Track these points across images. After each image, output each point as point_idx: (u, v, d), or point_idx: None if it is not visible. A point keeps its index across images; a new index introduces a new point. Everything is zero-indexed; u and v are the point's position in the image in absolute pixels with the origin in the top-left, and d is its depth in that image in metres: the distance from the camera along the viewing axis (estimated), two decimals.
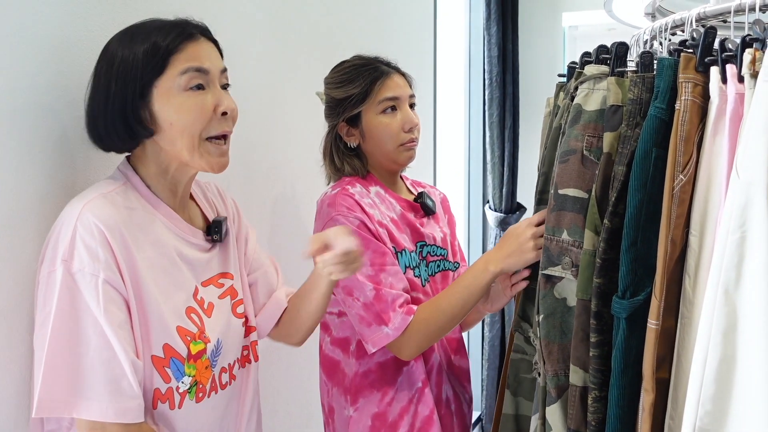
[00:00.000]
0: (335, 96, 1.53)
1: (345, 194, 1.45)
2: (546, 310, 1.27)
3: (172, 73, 1.09)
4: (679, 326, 1.08)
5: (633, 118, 1.16)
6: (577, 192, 1.24)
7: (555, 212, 1.26)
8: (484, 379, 3.15)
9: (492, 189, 3.07)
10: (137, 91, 1.08)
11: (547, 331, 1.26)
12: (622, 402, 1.13)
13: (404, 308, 1.41)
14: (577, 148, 1.24)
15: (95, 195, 1.07)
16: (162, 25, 1.11)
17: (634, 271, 1.11)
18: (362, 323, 1.41)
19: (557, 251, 1.25)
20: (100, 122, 1.11)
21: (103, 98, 1.09)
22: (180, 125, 1.10)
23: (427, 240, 1.56)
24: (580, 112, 1.25)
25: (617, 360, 1.12)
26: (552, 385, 1.26)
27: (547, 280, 1.28)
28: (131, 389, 1.03)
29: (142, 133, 1.11)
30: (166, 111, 1.10)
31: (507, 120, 3.04)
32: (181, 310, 1.14)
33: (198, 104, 1.11)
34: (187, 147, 1.11)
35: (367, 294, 1.40)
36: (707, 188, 1.05)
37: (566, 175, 1.25)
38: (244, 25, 1.65)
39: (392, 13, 2.44)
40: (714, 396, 0.94)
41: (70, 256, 1.01)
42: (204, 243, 1.23)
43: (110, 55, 1.10)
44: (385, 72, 1.52)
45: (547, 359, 1.26)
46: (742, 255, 0.93)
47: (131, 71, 1.08)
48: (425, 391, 1.50)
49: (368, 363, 1.50)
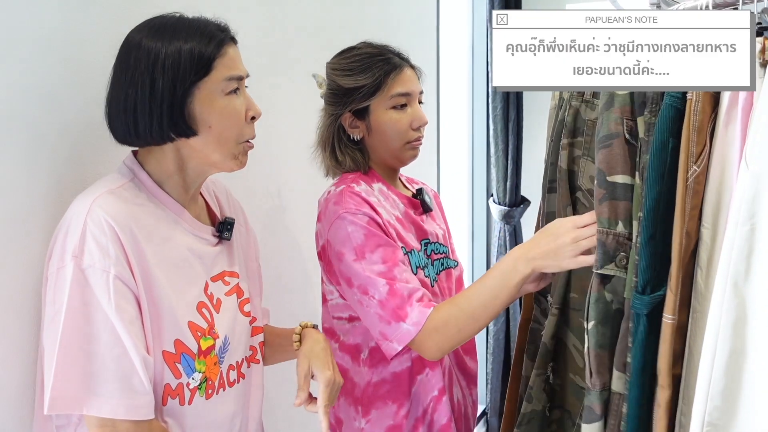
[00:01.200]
0: (343, 84, 1.44)
1: (352, 192, 1.39)
2: (598, 316, 1.16)
3: (217, 78, 1.10)
4: (691, 320, 1.06)
5: (656, 105, 1.11)
6: (626, 178, 1.15)
7: (607, 201, 1.16)
8: (489, 373, 3.15)
9: (496, 182, 3.05)
10: (186, 90, 1.09)
11: (598, 339, 1.16)
12: (642, 401, 1.09)
13: (423, 302, 1.31)
14: (619, 132, 1.17)
15: (104, 191, 1.07)
16: (200, 27, 1.12)
17: (653, 266, 1.07)
18: (381, 321, 1.32)
19: (613, 246, 1.15)
20: (141, 117, 1.08)
21: (147, 93, 1.07)
22: (219, 128, 1.12)
23: (430, 237, 1.51)
24: (613, 94, 1.19)
25: (636, 358, 1.08)
26: (597, 401, 1.16)
27: (602, 281, 1.16)
28: (142, 386, 1.03)
29: (186, 132, 1.11)
30: (207, 113, 1.11)
31: (511, 113, 3.01)
32: (192, 305, 1.14)
33: (237, 109, 1.14)
34: (223, 150, 1.14)
35: (381, 290, 1.31)
36: (720, 179, 1.04)
37: (613, 160, 1.16)
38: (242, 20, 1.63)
39: (395, 6, 2.42)
40: (723, 390, 0.93)
41: (81, 252, 1.01)
42: (212, 238, 1.23)
43: (147, 49, 1.08)
44: (398, 64, 1.45)
45: (596, 372, 1.16)
46: (752, 247, 0.92)
47: (180, 69, 1.07)
48: (443, 399, 1.43)
49: (382, 373, 1.42)
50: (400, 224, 1.44)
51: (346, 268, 1.35)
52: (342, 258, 1.35)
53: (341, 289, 1.40)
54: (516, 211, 3.05)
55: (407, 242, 1.43)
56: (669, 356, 1.06)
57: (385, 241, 1.36)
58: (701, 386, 0.95)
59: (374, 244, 1.34)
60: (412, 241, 1.45)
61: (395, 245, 1.37)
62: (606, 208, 1.16)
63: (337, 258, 1.36)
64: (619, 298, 1.16)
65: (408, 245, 1.42)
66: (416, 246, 1.45)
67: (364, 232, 1.34)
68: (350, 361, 1.45)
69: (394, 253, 1.35)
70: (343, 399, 1.46)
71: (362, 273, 1.33)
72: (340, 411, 1.47)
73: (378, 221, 1.37)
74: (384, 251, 1.34)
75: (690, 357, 1.06)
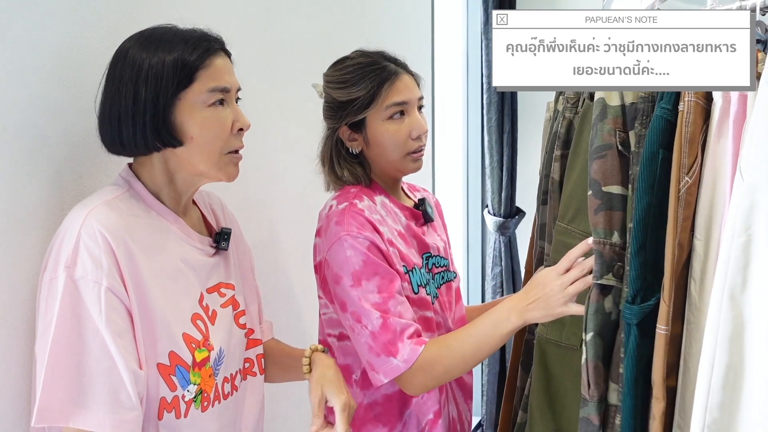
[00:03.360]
0: (337, 97, 1.40)
1: (354, 211, 1.34)
2: (596, 327, 1.16)
3: (199, 89, 1.10)
4: (686, 332, 1.06)
5: (647, 117, 1.13)
6: (621, 189, 1.16)
7: (603, 212, 1.16)
8: (485, 384, 3.13)
9: (491, 193, 3.06)
10: (168, 101, 1.08)
11: (596, 350, 1.15)
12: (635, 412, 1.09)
13: (413, 339, 1.30)
14: (612, 143, 1.17)
15: (99, 202, 1.07)
16: (187, 37, 1.11)
17: (644, 275, 1.08)
18: (371, 352, 1.30)
19: (611, 256, 1.16)
20: (125, 128, 1.09)
21: (131, 103, 1.08)
22: (201, 140, 1.11)
23: (432, 251, 1.48)
24: (605, 106, 1.19)
25: (629, 368, 1.09)
26: (595, 412, 1.16)
27: (600, 291, 1.16)
28: (129, 401, 1.02)
29: (170, 143, 1.11)
30: (189, 124, 1.10)
31: (506, 124, 3.02)
32: (187, 317, 1.13)
33: (220, 121, 1.13)
34: (207, 161, 1.13)
35: (374, 323, 1.29)
36: (712, 191, 1.04)
37: (607, 171, 1.17)
38: (237, 25, 1.63)
39: (389, 17, 2.43)
40: (722, 403, 0.92)
41: (73, 263, 1.01)
42: (208, 249, 1.22)
43: (132, 59, 1.09)
44: (392, 72, 1.39)
45: (594, 383, 1.16)
46: (748, 258, 0.91)
47: (162, 80, 1.08)
48: (438, 422, 1.40)
49: (374, 395, 1.39)
50: (403, 240, 1.41)
51: (341, 292, 1.33)
52: (339, 282, 1.33)
53: (335, 308, 1.38)
54: (511, 222, 3.05)
55: (409, 260, 1.40)
56: (663, 368, 1.06)
57: (383, 269, 1.33)
58: (699, 399, 0.94)
59: (372, 272, 1.32)
60: (414, 257, 1.42)
61: (393, 274, 1.34)
62: (602, 218, 1.16)
63: (334, 280, 1.34)
64: (617, 309, 1.16)
65: (410, 263, 1.39)
66: (418, 262, 1.42)
67: (362, 258, 1.32)
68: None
69: (392, 283, 1.33)
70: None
71: (357, 301, 1.31)
72: None
73: (379, 246, 1.34)
74: (381, 281, 1.32)
75: (686, 369, 1.06)
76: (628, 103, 1.18)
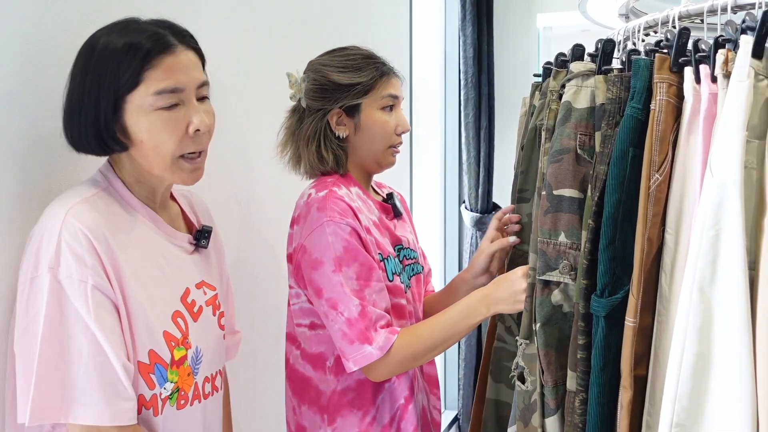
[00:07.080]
0: (336, 80, 1.44)
1: (336, 197, 1.37)
2: (543, 318, 1.23)
3: (145, 91, 1.04)
4: (656, 323, 1.09)
5: (613, 118, 1.17)
6: (573, 192, 1.22)
7: (551, 214, 1.23)
8: (461, 379, 3.16)
9: (468, 189, 3.08)
10: (110, 104, 1.04)
11: (545, 339, 1.23)
12: (602, 400, 1.13)
13: (387, 329, 1.35)
14: (570, 147, 1.22)
15: (78, 200, 1.05)
16: (138, 33, 1.05)
17: (612, 269, 1.12)
18: (344, 339, 1.33)
19: (554, 255, 1.22)
20: (75, 128, 1.08)
21: (77, 105, 1.06)
22: (150, 145, 1.07)
23: (403, 243, 1.52)
24: (570, 110, 1.24)
25: (596, 358, 1.13)
26: (551, 396, 1.23)
27: (544, 286, 1.24)
28: (126, 392, 1.03)
29: (115, 148, 1.08)
30: (137, 129, 1.06)
31: (482, 121, 3.05)
32: (168, 315, 1.13)
33: (169, 125, 1.06)
34: (159, 165, 1.09)
35: (352, 310, 1.32)
36: (682, 187, 1.07)
37: (561, 174, 1.22)
38: (214, 26, 1.63)
39: (368, 14, 2.43)
40: (690, 392, 0.95)
41: (57, 263, 1.00)
42: (188, 246, 1.22)
43: (79, 63, 1.07)
44: (390, 69, 1.49)
45: (546, 369, 1.23)
46: (717, 252, 0.94)
47: (104, 83, 1.04)
48: (408, 407, 1.44)
49: (347, 380, 1.43)
50: (377, 229, 1.45)
51: (319, 277, 1.35)
52: (318, 267, 1.35)
53: (308, 293, 1.40)
54: (488, 218, 3.07)
55: (384, 248, 1.44)
56: (630, 358, 1.09)
57: (363, 257, 1.36)
58: (669, 388, 0.97)
59: (351, 258, 1.34)
60: (388, 247, 1.46)
61: (372, 264, 1.37)
62: (548, 219, 1.23)
63: (311, 266, 1.36)
64: (571, 303, 1.22)
65: (384, 251, 1.43)
66: (392, 252, 1.46)
67: (344, 245, 1.34)
68: (312, 369, 1.45)
69: (370, 271, 1.36)
70: (307, 407, 1.45)
71: (336, 287, 1.33)
72: (305, 419, 1.46)
73: (359, 233, 1.37)
74: (360, 268, 1.35)
75: (656, 359, 1.09)
76: (598, 104, 1.21)
